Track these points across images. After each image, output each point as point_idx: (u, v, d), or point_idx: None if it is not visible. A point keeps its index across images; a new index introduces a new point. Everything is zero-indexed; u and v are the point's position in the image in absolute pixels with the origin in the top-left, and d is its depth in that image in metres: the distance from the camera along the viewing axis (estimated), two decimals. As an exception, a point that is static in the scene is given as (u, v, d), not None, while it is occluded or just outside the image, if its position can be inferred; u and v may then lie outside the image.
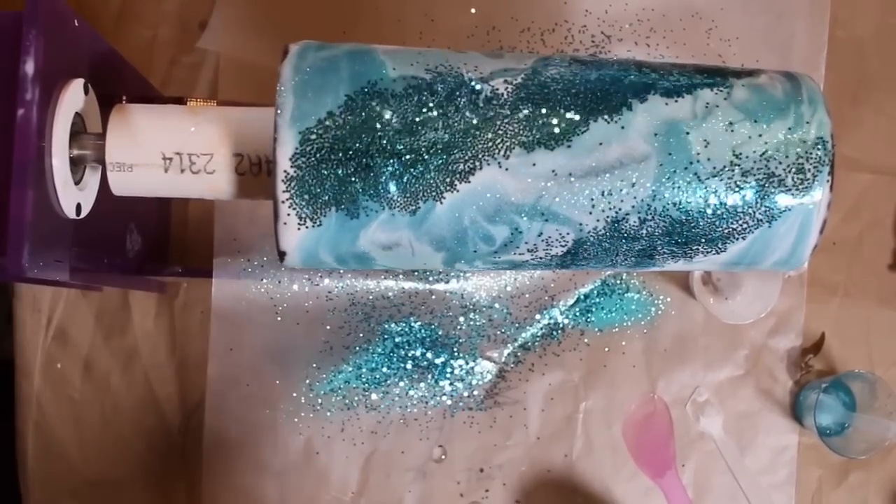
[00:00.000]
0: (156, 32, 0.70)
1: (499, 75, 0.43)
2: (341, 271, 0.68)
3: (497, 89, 0.42)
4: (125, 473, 0.68)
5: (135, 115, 0.46)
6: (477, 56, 0.44)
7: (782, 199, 0.43)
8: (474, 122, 0.42)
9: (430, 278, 0.69)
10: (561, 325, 0.70)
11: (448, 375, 0.69)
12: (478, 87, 0.42)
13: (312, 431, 0.68)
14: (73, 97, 0.46)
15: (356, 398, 0.68)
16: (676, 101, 0.43)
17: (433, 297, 0.69)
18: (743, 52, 0.72)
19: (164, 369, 0.69)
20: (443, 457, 0.69)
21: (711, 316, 0.70)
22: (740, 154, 0.42)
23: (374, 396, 0.68)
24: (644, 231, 0.43)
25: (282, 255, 0.43)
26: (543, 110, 0.42)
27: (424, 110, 0.42)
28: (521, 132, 0.42)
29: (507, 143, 0.42)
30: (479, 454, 0.69)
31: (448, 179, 0.42)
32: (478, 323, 0.69)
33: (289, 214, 0.42)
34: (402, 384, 0.69)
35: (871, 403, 0.70)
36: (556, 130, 0.42)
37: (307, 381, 0.68)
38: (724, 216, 0.43)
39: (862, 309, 0.73)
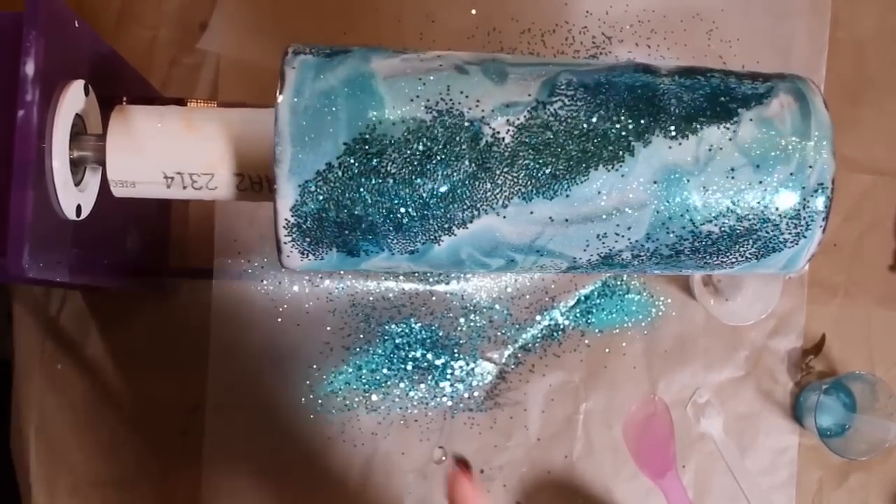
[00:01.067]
0: (156, 33, 0.70)
1: (500, 113, 0.42)
2: (342, 273, 0.68)
3: (498, 133, 0.42)
4: (125, 473, 0.68)
5: (135, 117, 0.46)
6: (480, 81, 0.42)
7: (774, 242, 0.44)
8: (473, 170, 0.42)
9: (431, 280, 0.69)
10: (561, 327, 0.70)
11: (448, 376, 0.69)
12: (478, 130, 0.42)
13: (313, 432, 0.68)
14: (74, 98, 0.46)
15: (356, 399, 0.68)
16: (680, 143, 0.42)
17: (434, 298, 0.69)
18: (743, 52, 0.72)
19: (164, 369, 0.69)
20: (443, 458, 0.69)
21: (712, 317, 0.70)
22: (738, 201, 0.43)
23: (374, 397, 0.68)
24: (636, 262, 0.45)
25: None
26: (544, 159, 0.42)
27: (424, 160, 0.41)
28: (520, 182, 0.42)
29: (506, 193, 0.42)
30: (479, 455, 0.69)
31: (447, 226, 0.42)
32: (478, 324, 0.69)
33: (291, 250, 0.43)
34: (402, 385, 0.69)
35: (871, 405, 0.70)
36: (556, 180, 0.42)
37: (307, 382, 0.68)
38: (715, 253, 0.44)
39: (862, 310, 0.73)
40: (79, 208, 0.48)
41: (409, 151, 0.41)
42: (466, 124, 0.42)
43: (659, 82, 0.44)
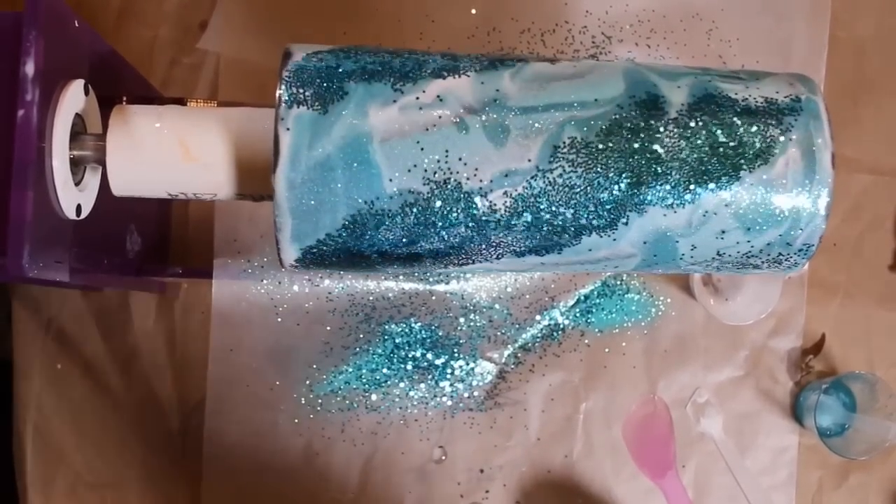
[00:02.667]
0: (156, 33, 0.70)
1: (498, 184, 0.42)
2: (342, 273, 0.68)
3: (495, 204, 0.42)
4: (125, 474, 0.68)
5: (135, 117, 0.46)
6: (479, 143, 0.42)
7: (756, 272, 0.47)
8: (469, 234, 0.43)
9: (431, 279, 0.69)
10: (561, 326, 0.70)
11: (448, 376, 0.69)
12: (475, 202, 0.42)
13: (312, 432, 0.68)
14: (74, 98, 0.46)
15: (356, 399, 0.68)
16: (676, 212, 0.43)
17: (433, 298, 0.69)
18: (743, 52, 0.72)
19: (164, 369, 0.69)
20: (443, 457, 0.69)
21: (712, 317, 0.70)
22: (724, 254, 0.44)
23: (374, 397, 0.68)
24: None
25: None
26: (538, 228, 0.43)
27: (421, 228, 0.42)
28: (513, 244, 0.43)
29: (500, 251, 0.44)
30: (479, 455, 0.69)
31: (440, 271, 0.46)
32: (478, 324, 0.69)
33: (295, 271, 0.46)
34: (402, 385, 0.69)
35: (871, 404, 0.70)
36: (548, 243, 0.43)
37: (307, 382, 0.68)
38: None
39: (862, 310, 0.73)
40: (79, 208, 0.48)
41: (405, 221, 0.42)
42: (464, 196, 0.42)
43: (664, 134, 0.43)
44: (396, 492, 0.69)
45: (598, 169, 0.42)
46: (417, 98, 0.42)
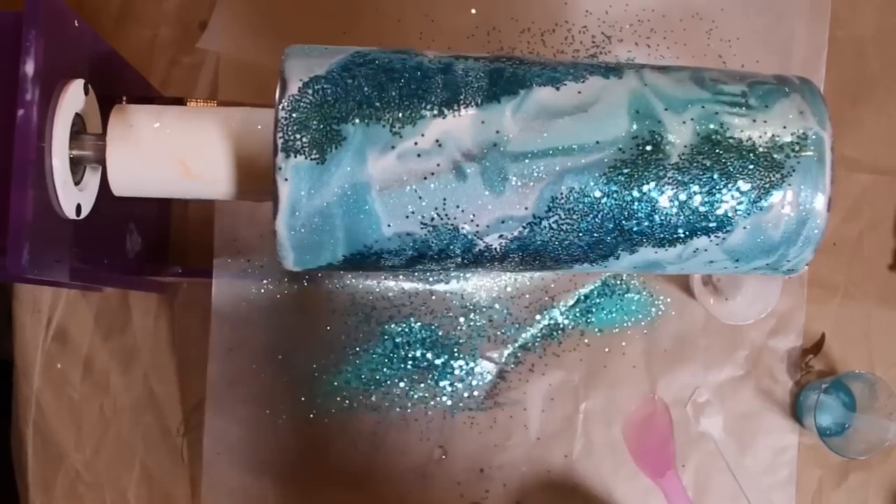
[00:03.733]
0: (156, 32, 0.70)
1: (495, 229, 0.43)
2: (342, 272, 0.68)
3: (490, 244, 0.43)
4: (125, 474, 0.68)
5: (135, 117, 0.46)
6: (477, 192, 0.42)
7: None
8: (464, 265, 0.45)
9: (431, 279, 0.69)
10: (561, 326, 0.70)
11: (448, 376, 0.69)
12: (471, 242, 0.43)
13: (313, 432, 0.68)
14: (73, 97, 0.46)
15: (356, 399, 0.68)
16: (667, 250, 0.44)
17: (433, 297, 0.69)
18: (743, 52, 0.72)
19: (164, 369, 0.69)
20: (443, 457, 0.69)
21: (712, 316, 0.70)
22: (710, 273, 0.47)
23: (374, 397, 0.68)
24: None
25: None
26: (531, 262, 0.45)
27: (419, 259, 0.44)
28: (507, 268, 0.46)
29: (494, 272, 0.48)
30: (479, 455, 0.69)
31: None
32: (478, 323, 0.69)
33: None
34: (402, 385, 0.69)
35: (871, 404, 0.70)
36: (541, 268, 0.46)
37: (307, 382, 0.68)
38: None
39: (862, 309, 0.73)
40: (79, 208, 0.48)
41: (404, 255, 0.43)
42: (459, 236, 0.43)
43: (663, 181, 0.43)
44: (396, 492, 0.69)
45: (594, 218, 0.43)
46: (416, 143, 0.41)
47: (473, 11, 0.71)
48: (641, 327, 0.71)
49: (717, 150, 0.42)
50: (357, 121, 0.41)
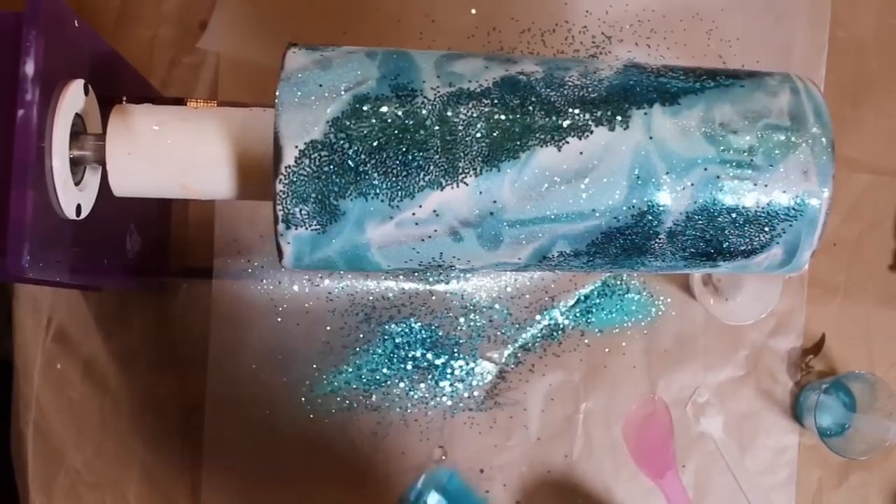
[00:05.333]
0: (156, 33, 0.70)
1: (488, 268, 0.45)
2: (342, 272, 0.68)
3: (483, 275, 0.47)
4: (125, 474, 0.68)
5: (134, 117, 0.46)
6: (473, 248, 0.43)
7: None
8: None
9: (431, 279, 0.69)
10: (561, 326, 0.70)
11: (448, 376, 0.69)
12: (466, 273, 0.46)
13: (313, 432, 0.68)
14: (73, 98, 0.46)
15: (356, 399, 0.68)
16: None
17: (433, 297, 0.69)
18: (743, 52, 0.72)
19: (164, 369, 0.69)
20: (443, 457, 0.69)
21: (712, 317, 0.70)
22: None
23: (374, 397, 0.68)
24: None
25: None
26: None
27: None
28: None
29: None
30: (479, 455, 0.69)
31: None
32: (478, 324, 0.69)
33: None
34: (402, 385, 0.69)
35: (871, 404, 0.70)
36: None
37: (307, 382, 0.68)
38: None
39: (862, 309, 0.72)
40: (78, 208, 0.48)
41: (402, 274, 0.47)
42: (455, 270, 0.46)
43: (655, 243, 0.43)
44: (396, 492, 0.69)
45: (582, 268, 0.45)
46: (413, 214, 0.42)
47: (473, 11, 0.71)
48: (641, 327, 0.71)
49: (712, 218, 0.43)
50: (354, 196, 0.41)
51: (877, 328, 0.73)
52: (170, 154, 0.46)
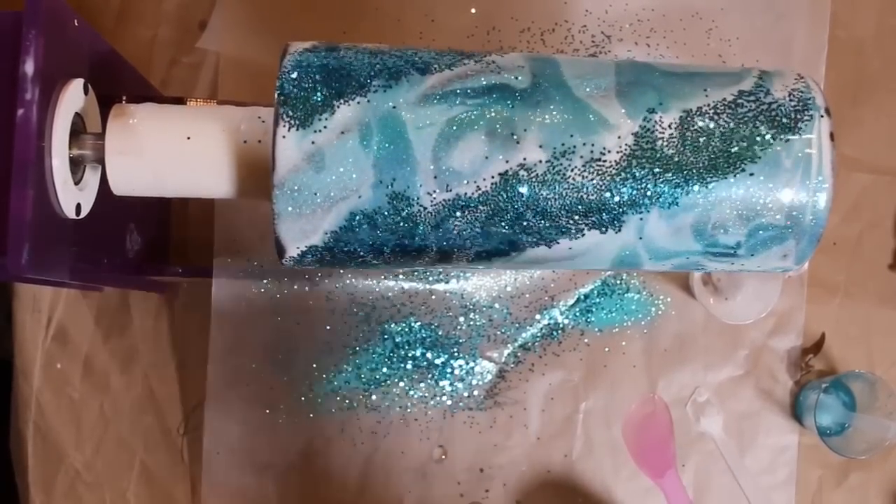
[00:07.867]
0: (156, 32, 0.70)
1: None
2: (342, 272, 0.68)
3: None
4: (125, 474, 0.68)
5: (134, 116, 0.46)
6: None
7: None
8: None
9: (430, 278, 0.69)
10: (561, 326, 0.70)
11: (448, 375, 0.69)
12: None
13: (313, 432, 0.68)
14: (73, 97, 0.46)
15: (356, 399, 0.68)
16: None
17: (433, 297, 0.69)
18: (743, 52, 0.72)
19: (164, 369, 0.69)
20: (443, 457, 0.69)
21: (712, 316, 0.70)
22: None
23: (374, 397, 0.68)
24: None
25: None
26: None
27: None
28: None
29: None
30: (479, 454, 0.69)
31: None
32: (478, 323, 0.69)
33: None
34: (402, 384, 0.69)
35: (871, 403, 0.70)
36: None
37: (307, 382, 0.68)
38: None
39: (862, 309, 0.72)
40: (78, 207, 0.48)
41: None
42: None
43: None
44: (396, 491, 0.69)
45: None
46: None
47: (473, 11, 0.71)
48: (641, 327, 0.71)
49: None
50: (353, 266, 0.45)
51: (877, 328, 0.73)
52: (169, 153, 0.46)
